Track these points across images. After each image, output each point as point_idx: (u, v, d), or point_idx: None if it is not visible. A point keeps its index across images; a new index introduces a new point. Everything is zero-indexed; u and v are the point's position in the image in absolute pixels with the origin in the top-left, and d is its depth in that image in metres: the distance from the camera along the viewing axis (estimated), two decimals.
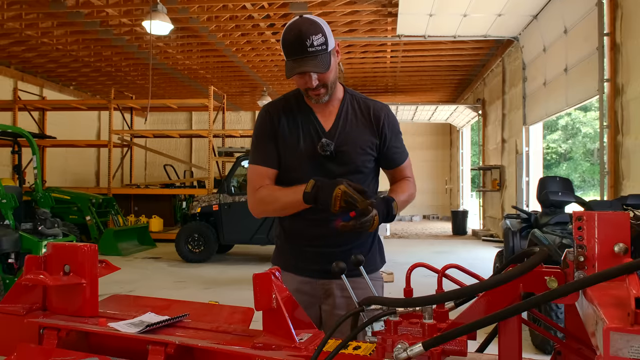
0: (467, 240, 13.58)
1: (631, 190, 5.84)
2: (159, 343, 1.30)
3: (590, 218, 1.02)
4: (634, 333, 0.73)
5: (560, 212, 5.27)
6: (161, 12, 8.65)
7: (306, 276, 1.95)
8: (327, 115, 1.93)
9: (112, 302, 1.84)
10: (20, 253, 6.17)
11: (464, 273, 1.36)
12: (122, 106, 14.40)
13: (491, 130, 14.16)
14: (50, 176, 14.18)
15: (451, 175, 20.76)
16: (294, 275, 1.95)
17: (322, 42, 1.72)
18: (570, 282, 0.94)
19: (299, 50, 1.71)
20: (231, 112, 20.76)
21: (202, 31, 11.08)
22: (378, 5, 9.82)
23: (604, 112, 6.68)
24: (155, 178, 19.73)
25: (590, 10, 7.06)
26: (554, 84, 8.71)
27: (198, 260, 9.68)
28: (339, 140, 1.89)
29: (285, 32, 1.75)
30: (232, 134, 14.55)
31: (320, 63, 1.73)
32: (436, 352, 1.04)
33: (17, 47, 12.38)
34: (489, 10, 9.34)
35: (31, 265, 1.54)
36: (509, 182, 11.90)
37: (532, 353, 4.28)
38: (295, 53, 1.72)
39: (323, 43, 1.72)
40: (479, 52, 12.90)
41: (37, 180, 7.52)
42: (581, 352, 1.17)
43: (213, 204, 9.72)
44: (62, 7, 9.73)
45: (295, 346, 1.26)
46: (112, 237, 10.57)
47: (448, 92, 18.42)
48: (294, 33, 1.72)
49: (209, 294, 6.86)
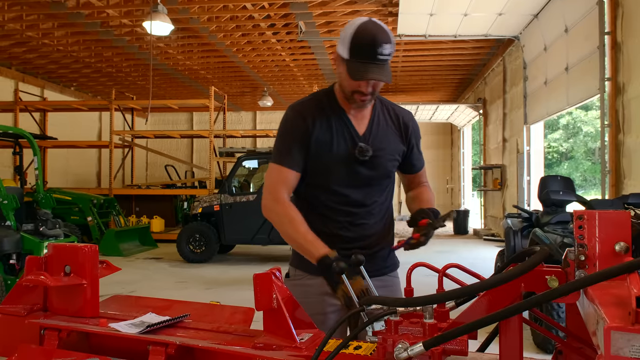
0: (468, 240, 13.57)
1: (632, 189, 5.83)
2: (159, 343, 1.30)
3: (591, 217, 1.02)
4: (635, 332, 0.73)
5: (562, 211, 5.26)
6: (162, 13, 8.65)
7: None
8: (360, 119, 1.91)
9: (113, 302, 1.84)
10: (21, 254, 6.18)
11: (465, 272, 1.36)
12: (123, 107, 14.41)
13: (492, 130, 14.15)
14: (51, 177, 14.19)
15: (452, 175, 20.75)
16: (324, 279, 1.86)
17: (390, 51, 1.73)
18: (571, 282, 0.94)
19: (371, 56, 1.70)
20: (232, 112, 20.77)
21: (202, 31, 11.09)
22: (378, 5, 9.82)
23: (605, 111, 6.67)
24: (156, 178, 19.74)
25: (591, 9, 7.05)
26: (554, 83, 8.70)
27: (199, 261, 9.69)
28: (373, 145, 1.89)
29: (359, 33, 1.72)
30: (233, 134, 14.56)
31: (387, 72, 1.74)
32: (437, 352, 1.04)
33: (18, 48, 12.40)
34: (490, 9, 9.34)
35: (32, 266, 1.54)
36: (510, 182, 11.89)
37: (533, 352, 4.27)
38: (367, 57, 1.71)
39: (390, 53, 1.73)
40: (479, 51, 12.89)
41: (38, 181, 7.52)
42: (582, 352, 1.17)
43: (214, 204, 9.72)
44: (63, 8, 9.74)
45: (295, 346, 1.26)
46: (114, 237, 10.57)
47: (449, 92, 18.42)
48: (370, 38, 1.70)
49: (210, 294, 6.86)
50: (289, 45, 12.43)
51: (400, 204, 21.28)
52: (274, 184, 1.86)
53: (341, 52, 1.77)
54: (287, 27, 11.11)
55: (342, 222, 1.88)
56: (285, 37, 11.75)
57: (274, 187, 1.85)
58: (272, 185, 1.86)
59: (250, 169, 11.14)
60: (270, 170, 1.89)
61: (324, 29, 11.09)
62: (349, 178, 1.86)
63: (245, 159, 10.31)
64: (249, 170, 11.14)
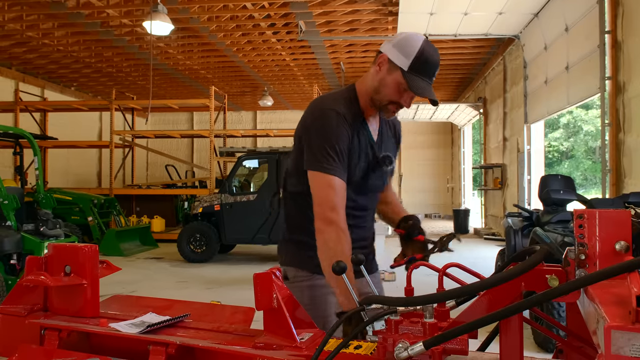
0: (469, 239, 13.57)
1: (633, 188, 5.82)
2: (160, 343, 1.30)
3: (592, 216, 1.02)
4: (635, 331, 0.73)
5: (562, 210, 5.26)
6: (162, 13, 8.65)
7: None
8: (373, 126, 1.90)
9: (113, 302, 1.84)
10: (22, 254, 6.18)
11: (465, 272, 1.36)
12: (123, 107, 14.41)
13: (492, 129, 14.14)
14: (52, 177, 14.20)
15: (453, 174, 20.74)
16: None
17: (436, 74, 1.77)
18: (572, 281, 0.94)
19: (430, 74, 1.72)
20: (232, 112, 20.77)
21: (202, 31, 11.09)
22: (379, 4, 9.81)
23: (605, 110, 6.66)
24: (156, 178, 19.75)
25: (591, 8, 7.04)
26: (555, 82, 8.70)
27: (200, 260, 9.69)
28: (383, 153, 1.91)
29: (426, 50, 1.70)
30: (234, 133, 14.56)
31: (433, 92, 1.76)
32: (437, 351, 1.04)
33: (18, 48, 12.40)
34: (490, 8, 9.33)
35: (32, 266, 1.54)
36: (511, 181, 11.88)
37: (534, 351, 4.27)
38: (427, 75, 1.71)
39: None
40: (480, 50, 12.89)
41: (38, 181, 7.53)
42: (583, 351, 1.17)
43: (215, 204, 9.73)
44: (63, 8, 9.74)
45: (296, 346, 1.26)
46: (114, 237, 10.58)
47: (449, 91, 18.41)
48: (435, 58, 1.72)
49: (210, 294, 6.86)
50: (289, 45, 12.43)
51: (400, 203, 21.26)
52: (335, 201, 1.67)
53: (397, 61, 1.71)
54: (287, 27, 11.11)
55: (358, 222, 1.90)
56: (285, 37, 11.74)
57: (335, 204, 1.67)
58: (331, 201, 1.67)
59: (250, 169, 11.14)
60: (326, 181, 1.68)
61: (324, 29, 11.09)
62: (362, 185, 1.86)
63: (246, 159, 10.31)
64: (249, 170, 11.14)
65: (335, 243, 1.64)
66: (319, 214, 1.67)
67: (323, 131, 1.72)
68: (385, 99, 1.77)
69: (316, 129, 1.74)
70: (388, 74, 1.74)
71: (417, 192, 21.32)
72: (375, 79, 1.78)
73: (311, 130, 1.75)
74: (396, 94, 1.74)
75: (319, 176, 1.69)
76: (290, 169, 1.90)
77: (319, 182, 1.69)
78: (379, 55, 1.77)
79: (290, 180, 1.90)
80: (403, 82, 1.71)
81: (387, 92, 1.75)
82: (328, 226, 1.65)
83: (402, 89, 1.74)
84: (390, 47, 1.74)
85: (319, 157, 1.69)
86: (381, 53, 1.77)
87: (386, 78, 1.74)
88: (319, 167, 1.68)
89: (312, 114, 1.80)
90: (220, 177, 13.48)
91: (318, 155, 1.70)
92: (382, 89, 1.76)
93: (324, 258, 1.65)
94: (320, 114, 1.77)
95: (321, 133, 1.72)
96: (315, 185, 1.70)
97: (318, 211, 1.68)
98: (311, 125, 1.77)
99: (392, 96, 1.75)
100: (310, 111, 1.82)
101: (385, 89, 1.75)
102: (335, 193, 1.67)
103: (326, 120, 1.74)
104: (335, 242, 1.64)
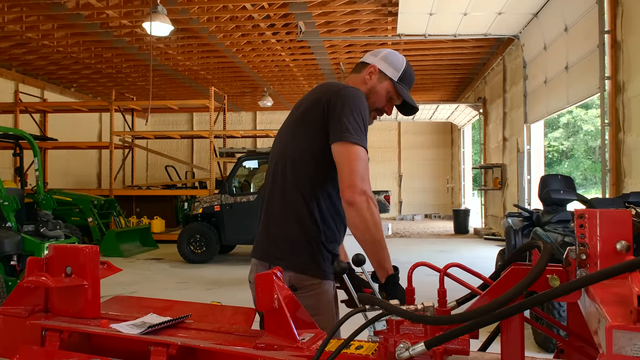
0: (468, 239, 13.57)
1: (633, 188, 5.83)
2: (161, 344, 1.30)
3: (592, 216, 1.02)
4: (637, 331, 0.73)
5: (562, 210, 5.26)
6: (161, 14, 8.65)
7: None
8: None
9: (114, 303, 1.84)
10: (22, 255, 6.18)
11: (466, 272, 1.36)
12: (123, 108, 14.41)
13: (492, 129, 14.15)
14: (51, 178, 14.20)
15: (452, 174, 20.75)
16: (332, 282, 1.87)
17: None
18: (573, 280, 0.94)
19: (411, 86, 1.97)
20: (232, 112, 20.78)
21: (202, 32, 11.09)
22: (378, 4, 9.81)
23: (605, 110, 6.66)
24: (156, 179, 19.76)
25: (590, 7, 7.05)
26: (555, 82, 8.70)
27: (200, 261, 9.69)
28: None
29: (410, 68, 1.97)
30: (233, 134, 14.55)
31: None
32: (438, 351, 1.04)
33: (18, 49, 12.41)
34: (489, 8, 9.34)
35: (33, 267, 1.54)
36: (511, 181, 11.88)
37: (535, 351, 4.27)
38: (409, 86, 1.96)
39: None
40: (479, 50, 12.89)
41: (38, 182, 7.53)
42: (584, 350, 1.17)
43: (215, 204, 9.72)
44: (63, 9, 9.75)
45: (297, 346, 1.26)
46: (114, 238, 10.58)
47: (449, 91, 18.41)
48: (414, 75, 2.00)
49: (211, 295, 6.86)
50: (288, 45, 12.43)
51: (400, 203, 21.29)
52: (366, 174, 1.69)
53: (387, 72, 1.90)
54: (286, 27, 11.11)
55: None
56: (285, 37, 11.75)
57: (362, 175, 1.67)
58: (365, 175, 1.68)
59: (250, 169, 11.14)
60: (358, 153, 1.69)
61: (323, 29, 11.09)
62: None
63: (246, 159, 10.31)
64: (249, 170, 11.14)
65: (371, 213, 1.66)
66: (350, 184, 1.66)
67: (361, 105, 1.75)
68: (372, 106, 1.91)
69: (354, 103, 1.74)
70: (379, 82, 1.90)
71: (417, 192, 21.33)
72: (364, 86, 1.91)
73: (347, 103, 1.73)
74: (384, 101, 1.92)
75: (352, 147, 1.68)
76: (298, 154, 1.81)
77: (351, 153, 1.68)
78: (368, 65, 1.92)
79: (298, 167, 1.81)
80: (392, 90, 1.91)
81: (376, 99, 1.91)
82: (360, 196, 1.65)
83: (389, 97, 1.92)
84: (378, 59, 1.92)
85: (353, 129, 1.70)
86: (367, 64, 1.93)
87: (377, 86, 1.90)
88: (352, 138, 1.68)
89: (344, 88, 1.79)
90: (220, 178, 13.48)
91: (351, 127, 1.70)
92: (372, 96, 1.91)
93: (361, 229, 1.67)
94: (353, 91, 1.78)
95: (358, 107, 1.74)
96: (346, 156, 1.68)
97: (349, 181, 1.67)
98: (349, 99, 1.74)
99: (380, 103, 1.92)
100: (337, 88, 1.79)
101: (374, 96, 1.91)
102: (365, 165, 1.69)
103: (361, 101, 1.77)
104: (369, 212, 1.66)
